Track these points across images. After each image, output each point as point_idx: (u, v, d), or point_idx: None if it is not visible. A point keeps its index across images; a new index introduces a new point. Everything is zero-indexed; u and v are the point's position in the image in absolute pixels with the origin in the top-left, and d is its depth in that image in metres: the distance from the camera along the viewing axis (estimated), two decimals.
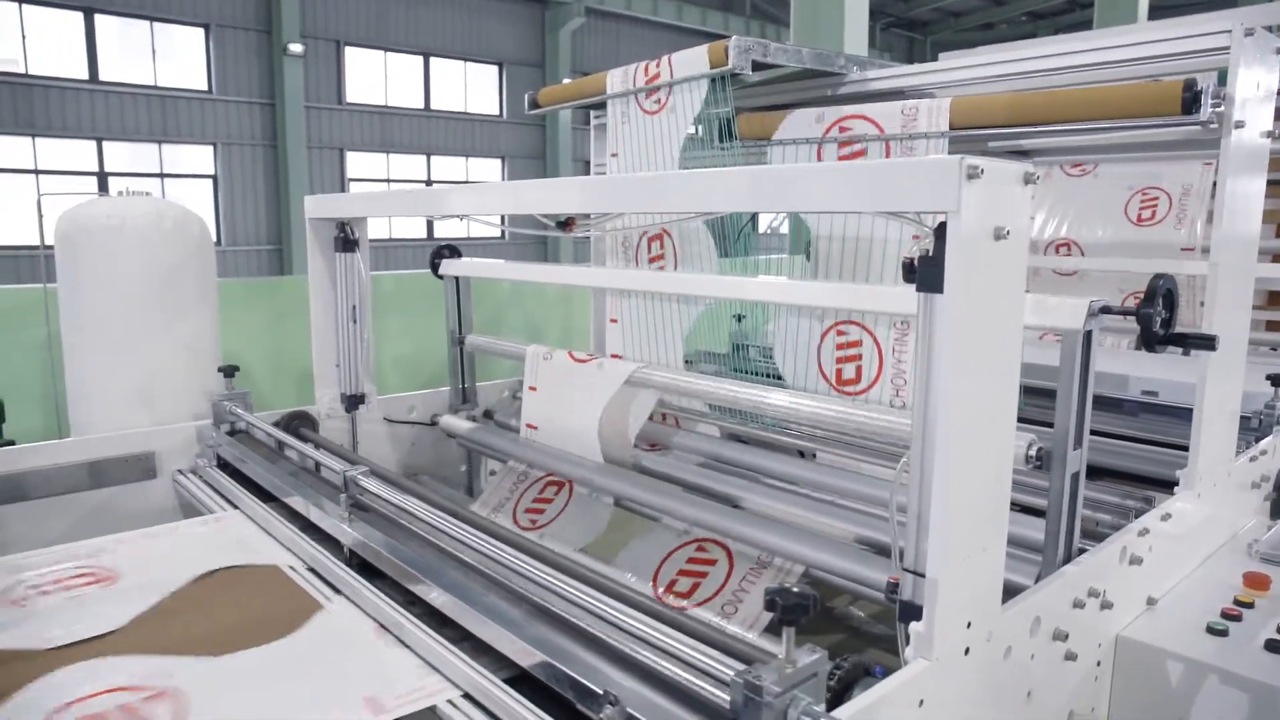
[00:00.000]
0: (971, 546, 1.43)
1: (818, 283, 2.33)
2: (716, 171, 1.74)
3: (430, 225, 18.85)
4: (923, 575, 1.40)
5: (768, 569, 2.21)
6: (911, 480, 1.41)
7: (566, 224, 2.27)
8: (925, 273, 1.35)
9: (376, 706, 1.50)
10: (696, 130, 2.71)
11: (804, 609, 1.19)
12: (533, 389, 2.70)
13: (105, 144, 15.31)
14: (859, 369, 2.36)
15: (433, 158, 19.56)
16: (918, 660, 1.39)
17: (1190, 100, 1.87)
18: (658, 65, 2.61)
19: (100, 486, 2.80)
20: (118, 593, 2.01)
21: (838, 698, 1.35)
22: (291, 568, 2.13)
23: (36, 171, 14.49)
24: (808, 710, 1.18)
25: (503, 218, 2.64)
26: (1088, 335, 1.67)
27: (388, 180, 18.90)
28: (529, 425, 2.70)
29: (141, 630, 1.82)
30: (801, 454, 2.68)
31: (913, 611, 1.42)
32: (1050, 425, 1.72)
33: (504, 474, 2.79)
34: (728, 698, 1.29)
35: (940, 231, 1.31)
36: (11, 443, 4.20)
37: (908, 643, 1.42)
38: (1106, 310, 1.67)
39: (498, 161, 20.57)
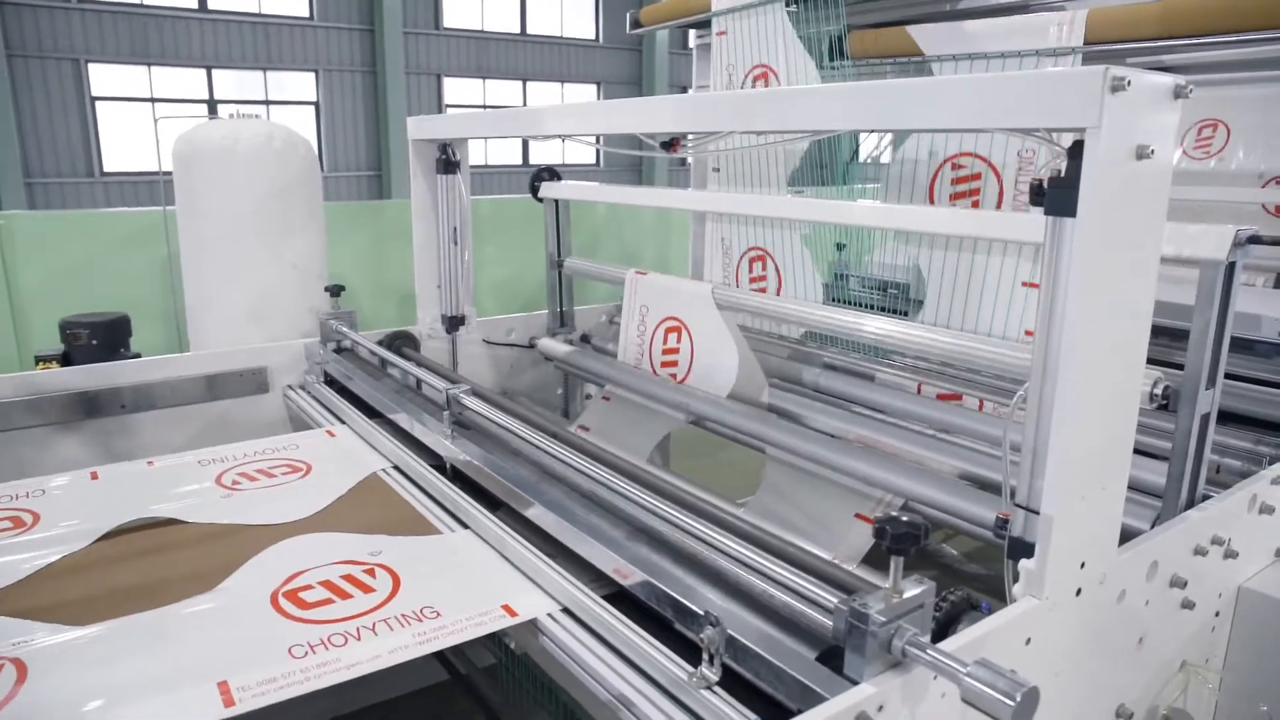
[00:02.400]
0: (1090, 484, 1.37)
1: (932, 208, 2.23)
2: (827, 87, 1.66)
3: (526, 151, 18.91)
4: (1036, 512, 1.35)
5: (867, 501, 2.18)
6: (1029, 413, 1.35)
7: (671, 144, 2.21)
8: (1056, 195, 1.26)
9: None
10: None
11: (914, 538, 1.16)
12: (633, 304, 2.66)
13: (214, 72, 15.74)
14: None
15: (528, 83, 19.48)
16: (1026, 598, 1.35)
17: None
18: None
19: (217, 399, 2.93)
20: (309, 483, 2.20)
21: (942, 631, 1.33)
22: (391, 475, 2.24)
23: (153, 100, 15.03)
24: (913, 641, 1.16)
25: (597, 140, 2.61)
26: (1230, 267, 1.55)
27: (484, 106, 18.94)
28: (639, 324, 2.65)
29: (339, 515, 2.01)
30: (901, 386, 2.62)
31: (1023, 548, 1.38)
32: (1170, 365, 1.62)
33: (600, 396, 2.81)
34: (830, 624, 1.28)
35: (1075, 150, 1.23)
36: (138, 355, 4.45)
37: (1016, 580, 1.38)
38: (1256, 240, 1.54)
39: (593, 87, 20.35)
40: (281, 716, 1.35)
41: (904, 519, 1.18)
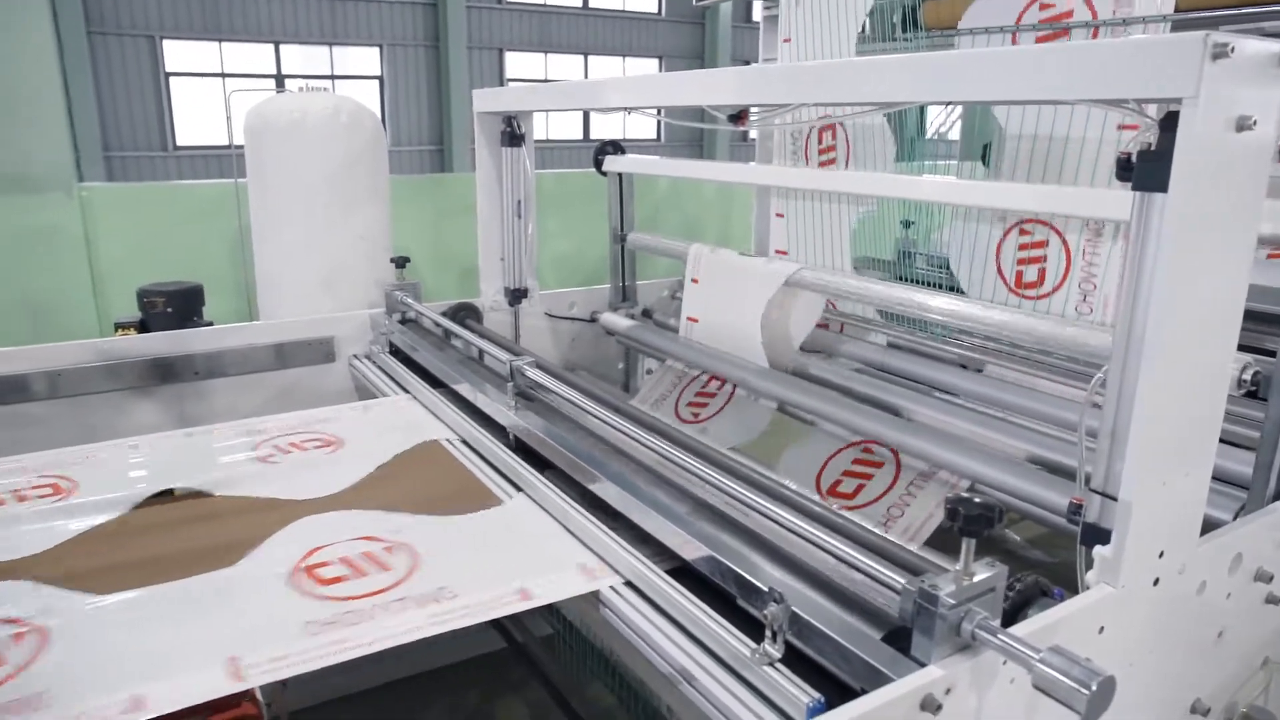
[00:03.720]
0: (1172, 471, 1.32)
1: (1008, 183, 2.16)
2: (895, 58, 1.61)
3: (587, 126, 18.87)
4: (1114, 498, 1.31)
5: (931, 480, 2.15)
6: (1109, 395, 1.30)
7: (738, 117, 2.18)
8: (1146, 169, 1.21)
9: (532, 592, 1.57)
10: (870, 25, 2.53)
11: (987, 520, 1.13)
12: (695, 280, 2.66)
13: (281, 47, 15.99)
14: (1041, 271, 2.21)
15: (590, 58, 19.41)
16: (1100, 586, 1.32)
17: None
18: None
19: (285, 367, 2.99)
20: (343, 457, 2.22)
21: (1010, 616, 1.30)
22: (456, 447, 2.25)
23: (223, 75, 15.34)
24: (983, 624, 1.14)
25: (658, 112, 2.58)
26: None
27: (545, 81, 18.94)
28: (690, 318, 2.66)
29: (368, 490, 2.02)
30: (964, 366, 2.56)
31: (1098, 535, 1.34)
32: (1261, 352, 1.55)
33: (662, 372, 2.81)
34: (896, 605, 1.26)
35: (1169, 122, 1.17)
36: (211, 324, 4.58)
37: (1089, 567, 1.34)
38: None
39: (655, 61, 20.20)
40: (338, 678, 1.36)
41: (976, 500, 1.15)
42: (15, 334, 5.19)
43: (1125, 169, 1.26)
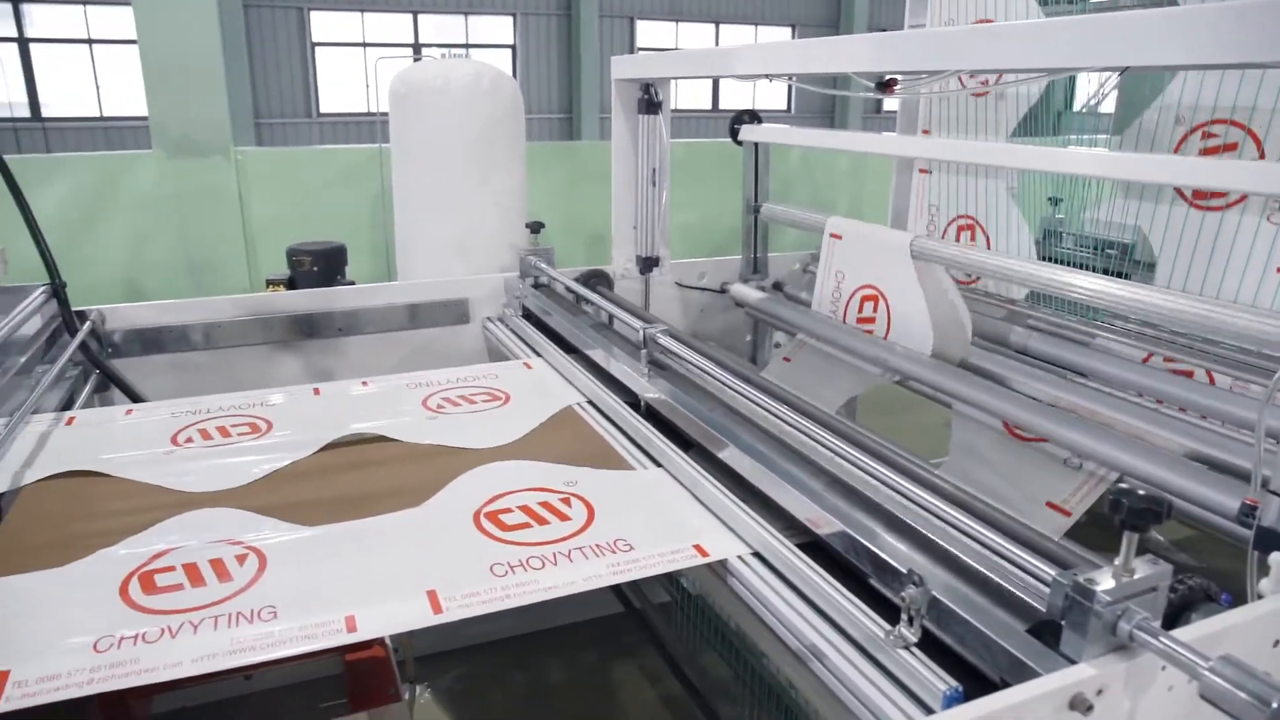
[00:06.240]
0: None
1: (1177, 157, 2.01)
2: (1050, 21, 1.50)
3: (716, 95, 18.70)
4: None
5: (1077, 473, 2.04)
6: None
7: (887, 85, 2.10)
8: None
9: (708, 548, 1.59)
10: None
11: (1154, 514, 1.06)
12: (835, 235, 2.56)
13: (419, 16, 16.43)
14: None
15: (721, 26, 19.17)
16: (1277, 595, 1.22)
17: None
18: None
19: (420, 327, 3.09)
20: (510, 412, 2.31)
21: (1169, 620, 1.22)
22: (587, 410, 2.29)
23: (364, 44, 15.90)
24: (1143, 625, 1.07)
25: (790, 78, 2.50)
26: None
27: (675, 49, 18.83)
28: (837, 271, 2.56)
29: (536, 443, 2.10)
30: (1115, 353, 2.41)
31: (1275, 540, 1.24)
32: None
33: (792, 346, 2.76)
34: (1040, 597, 1.20)
35: None
36: (353, 283, 4.79)
37: (1263, 574, 1.25)
38: None
39: (787, 29, 19.78)
40: (466, 629, 1.40)
41: (1141, 492, 1.08)
42: (178, 288, 5.58)
43: None
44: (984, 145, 2.54)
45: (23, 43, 13.73)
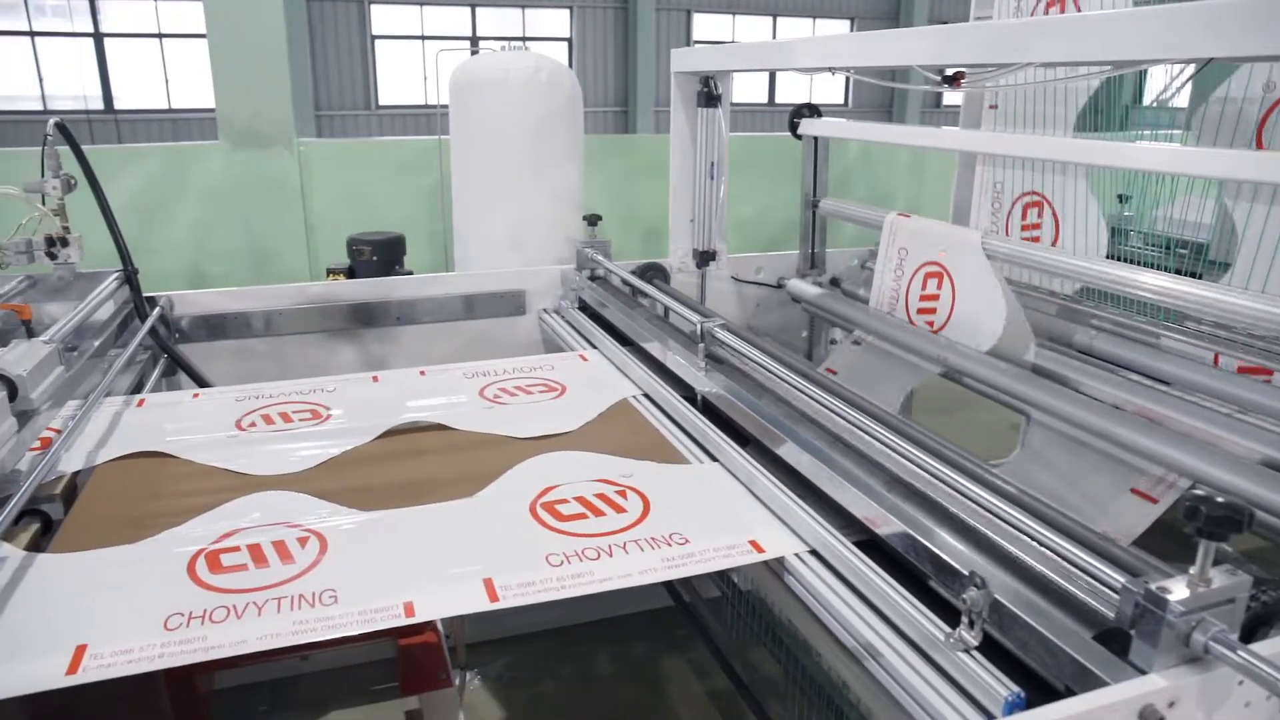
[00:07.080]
0: None
1: (1262, 153, 1.93)
2: (1129, 11, 1.45)
3: (772, 89, 18.55)
4: None
5: (1144, 477, 1.98)
6: None
7: (954, 79, 2.06)
8: None
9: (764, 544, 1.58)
10: None
11: (1234, 523, 1.02)
12: (903, 249, 2.51)
13: (477, 10, 16.57)
14: None
15: (778, 19, 19.00)
16: None
17: None
18: None
19: (476, 318, 3.12)
20: (566, 403, 2.32)
21: (1246, 633, 1.18)
22: (643, 403, 2.29)
23: (423, 38, 16.09)
24: (1219, 637, 1.04)
25: (846, 80, 2.46)
26: None
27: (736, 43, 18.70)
28: (901, 248, 2.51)
29: (592, 435, 2.11)
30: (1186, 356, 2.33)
31: None
32: None
33: (848, 342, 2.73)
34: (1108, 604, 1.17)
35: None
36: (411, 273, 4.85)
37: None
38: None
39: (846, 23, 19.53)
40: (510, 617, 1.40)
41: (1220, 499, 1.05)
42: (241, 276, 5.72)
43: None
44: (1054, 141, 2.48)
45: (98, 38, 14.18)
